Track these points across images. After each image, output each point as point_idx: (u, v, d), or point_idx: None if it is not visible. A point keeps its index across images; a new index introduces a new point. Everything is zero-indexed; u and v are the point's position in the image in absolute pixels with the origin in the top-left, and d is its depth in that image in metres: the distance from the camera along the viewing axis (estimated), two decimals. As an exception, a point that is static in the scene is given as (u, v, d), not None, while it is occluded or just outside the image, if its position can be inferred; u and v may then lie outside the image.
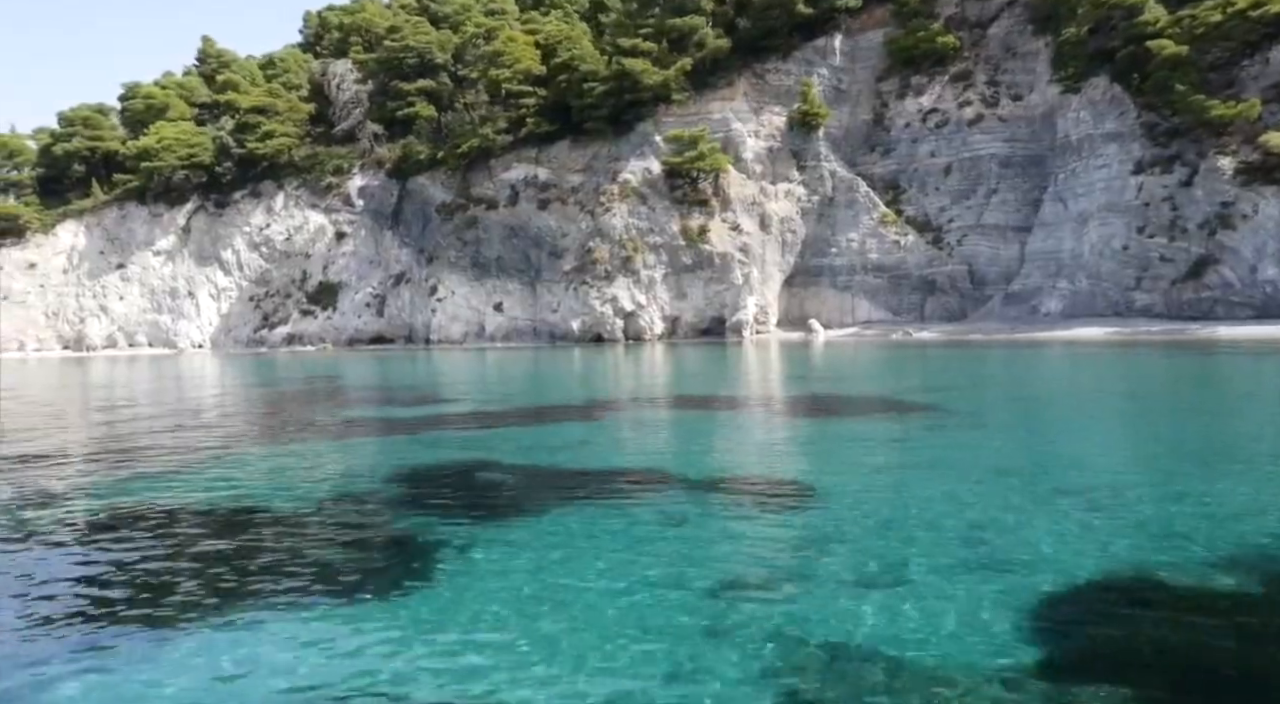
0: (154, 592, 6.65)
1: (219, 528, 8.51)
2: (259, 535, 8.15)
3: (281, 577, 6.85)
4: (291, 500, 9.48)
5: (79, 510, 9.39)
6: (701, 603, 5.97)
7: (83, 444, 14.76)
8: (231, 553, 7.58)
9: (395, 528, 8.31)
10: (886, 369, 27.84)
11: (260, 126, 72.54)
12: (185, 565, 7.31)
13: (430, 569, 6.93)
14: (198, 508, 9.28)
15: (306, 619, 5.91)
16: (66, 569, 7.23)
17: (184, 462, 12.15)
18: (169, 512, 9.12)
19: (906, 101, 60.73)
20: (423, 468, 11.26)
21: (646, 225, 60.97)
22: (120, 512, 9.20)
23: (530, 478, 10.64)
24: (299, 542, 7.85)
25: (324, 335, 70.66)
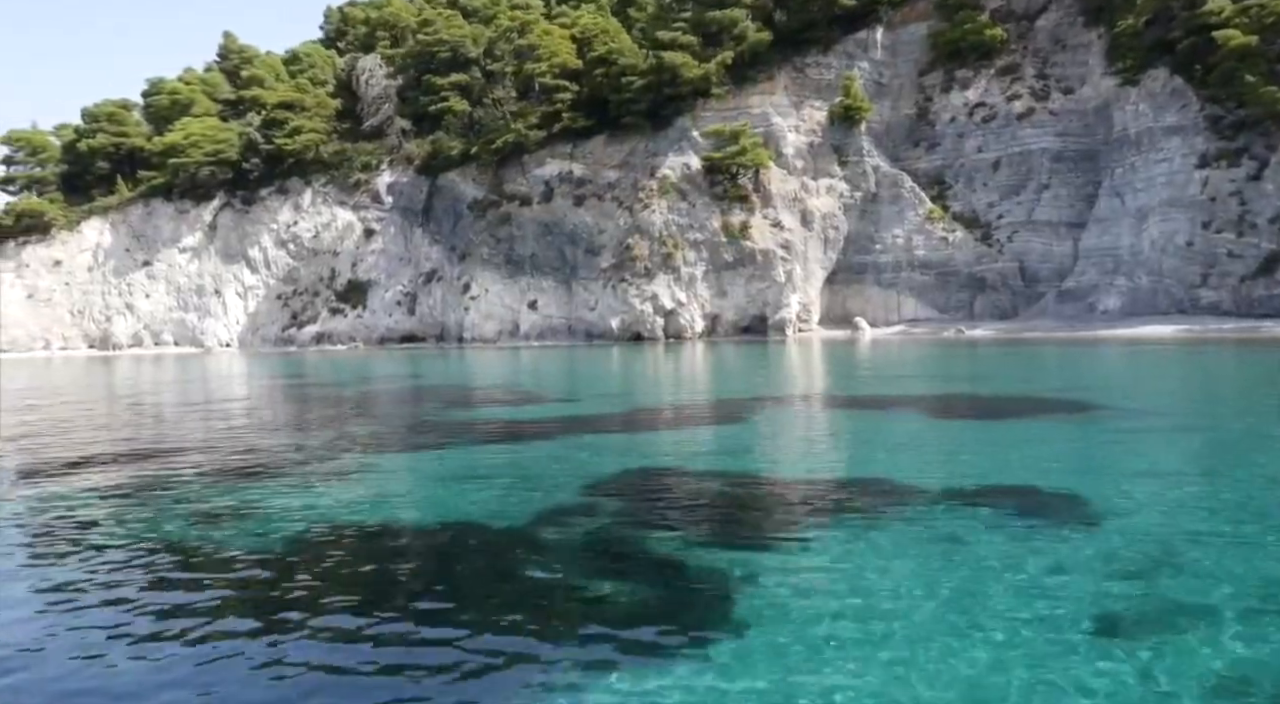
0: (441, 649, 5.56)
1: (433, 553, 7.44)
2: (502, 559, 7.06)
3: (565, 619, 5.75)
4: (495, 517, 8.38)
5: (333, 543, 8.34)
6: (1083, 645, 4.91)
7: (230, 459, 13.72)
8: (477, 583, 6.49)
9: (648, 549, 7.21)
10: (980, 368, 26.72)
11: (288, 122, 71.51)
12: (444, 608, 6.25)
13: (721, 601, 5.86)
14: (391, 528, 8.20)
15: (610, 677, 4.79)
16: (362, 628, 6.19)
17: (333, 472, 11.07)
18: (371, 533, 8.06)
19: (951, 95, 59.59)
20: (611, 476, 10.17)
21: (686, 222, 59.87)
22: (318, 532, 8.13)
23: (746, 487, 9.56)
24: (554, 571, 6.75)
25: (354, 334, 69.64)
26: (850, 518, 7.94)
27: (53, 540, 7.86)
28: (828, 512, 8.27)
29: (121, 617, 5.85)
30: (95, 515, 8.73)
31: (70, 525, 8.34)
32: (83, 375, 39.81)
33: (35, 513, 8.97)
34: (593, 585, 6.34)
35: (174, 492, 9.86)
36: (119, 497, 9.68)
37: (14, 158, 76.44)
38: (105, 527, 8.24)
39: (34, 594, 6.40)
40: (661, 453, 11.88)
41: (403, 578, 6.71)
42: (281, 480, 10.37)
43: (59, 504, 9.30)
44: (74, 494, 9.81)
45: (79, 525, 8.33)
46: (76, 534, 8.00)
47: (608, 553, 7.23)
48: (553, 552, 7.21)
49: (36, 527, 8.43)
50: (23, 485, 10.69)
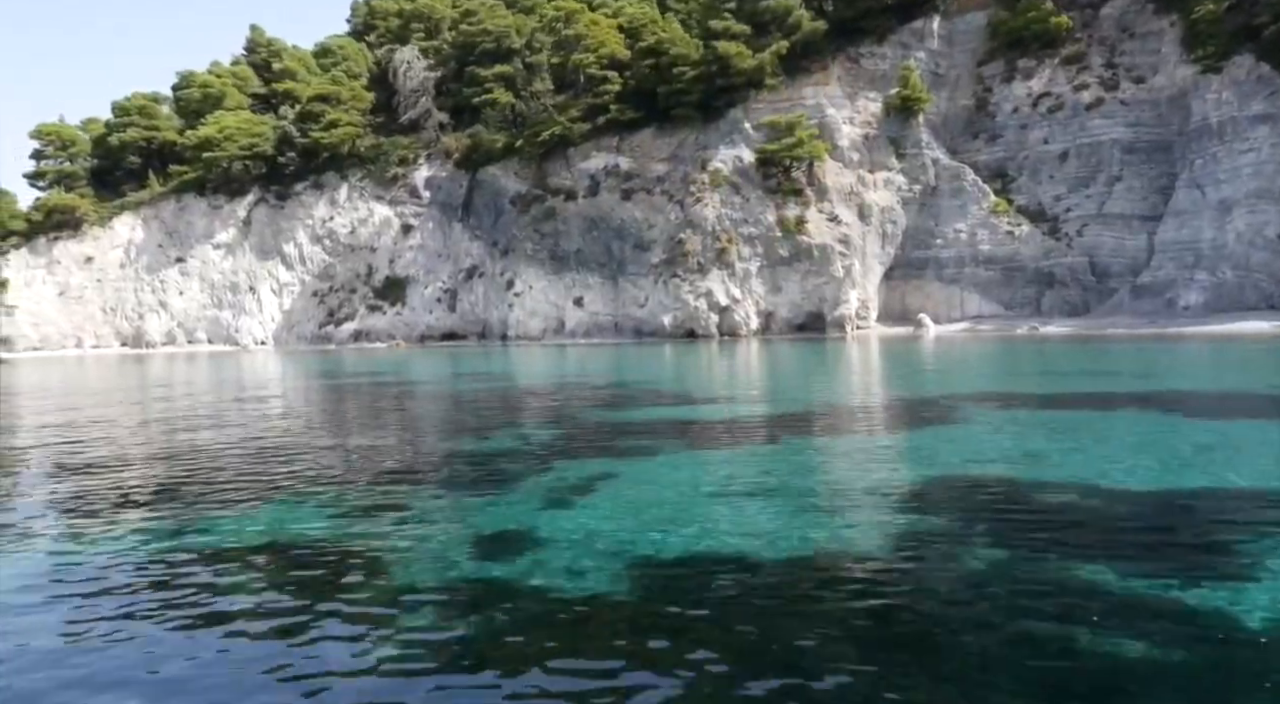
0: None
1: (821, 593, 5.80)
2: (908, 606, 5.41)
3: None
4: (813, 543, 6.76)
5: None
6: None
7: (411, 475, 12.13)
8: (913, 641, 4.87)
9: (1095, 587, 5.56)
10: (1103, 364, 24.99)
11: (324, 115, 70.05)
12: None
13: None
14: (718, 556, 6.56)
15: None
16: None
17: (574, 487, 9.49)
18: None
19: (1014, 86, 57.92)
20: (909, 485, 8.55)
21: (740, 216, 58.28)
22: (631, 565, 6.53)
23: (1082, 498, 7.89)
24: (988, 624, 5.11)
25: (393, 332, 68.13)
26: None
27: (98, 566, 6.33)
28: (1247, 525, 6.65)
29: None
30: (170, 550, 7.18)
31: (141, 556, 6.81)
32: (116, 374, 38.29)
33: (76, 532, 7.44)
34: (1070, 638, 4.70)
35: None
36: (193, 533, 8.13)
37: (44, 152, 75.00)
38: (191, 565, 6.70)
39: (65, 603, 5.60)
40: (922, 458, 10.25)
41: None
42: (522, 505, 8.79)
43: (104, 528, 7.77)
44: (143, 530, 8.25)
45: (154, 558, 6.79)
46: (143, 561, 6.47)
47: (1029, 591, 5.55)
48: (946, 588, 5.56)
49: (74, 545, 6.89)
50: (55, 502, 9.14)
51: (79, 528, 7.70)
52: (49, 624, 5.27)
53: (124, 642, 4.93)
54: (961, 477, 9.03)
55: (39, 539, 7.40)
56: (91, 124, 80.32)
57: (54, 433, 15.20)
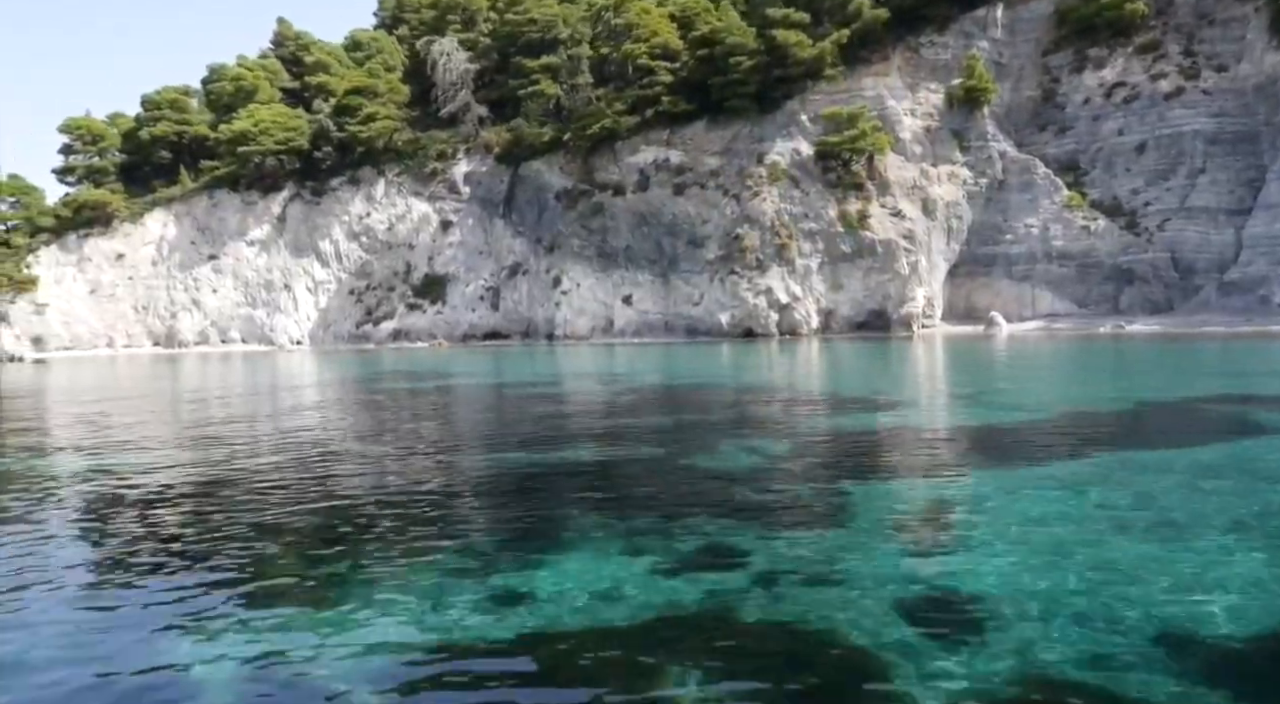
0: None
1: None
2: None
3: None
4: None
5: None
6: None
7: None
8: None
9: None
10: (1230, 364, 22.96)
11: (361, 109, 68.09)
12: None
13: None
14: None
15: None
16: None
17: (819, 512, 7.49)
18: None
19: (1084, 75, 55.88)
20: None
21: (800, 211, 56.28)
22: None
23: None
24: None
25: (434, 331, 66.13)
26: None
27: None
28: None
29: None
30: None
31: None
32: (150, 377, 36.34)
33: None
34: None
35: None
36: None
37: (73, 147, 73.11)
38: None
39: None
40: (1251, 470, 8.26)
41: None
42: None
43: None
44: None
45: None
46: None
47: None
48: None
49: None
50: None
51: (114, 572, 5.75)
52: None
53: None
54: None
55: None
56: (119, 119, 78.42)
57: (83, 453, 13.23)
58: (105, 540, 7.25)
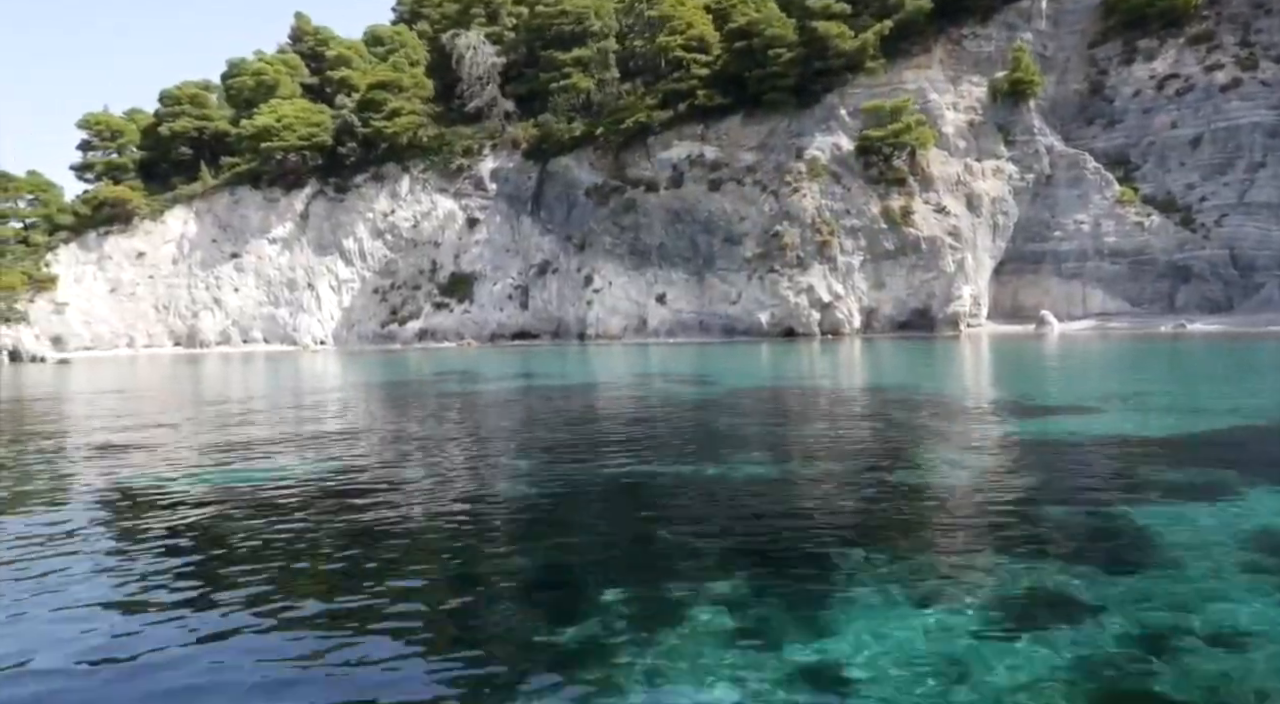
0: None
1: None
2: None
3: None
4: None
5: None
6: None
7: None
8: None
9: None
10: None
11: (385, 104, 66.66)
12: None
13: None
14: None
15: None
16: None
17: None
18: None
19: (1134, 67, 54.32)
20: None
21: (841, 207, 54.83)
22: None
23: None
24: None
25: (461, 330, 64.71)
26: None
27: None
28: None
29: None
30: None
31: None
32: (170, 379, 34.99)
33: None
34: None
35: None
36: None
37: (91, 143, 71.79)
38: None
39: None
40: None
41: None
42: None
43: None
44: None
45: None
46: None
47: None
48: None
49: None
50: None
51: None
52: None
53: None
54: None
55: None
56: (136, 115, 77.16)
57: (100, 465, 11.82)
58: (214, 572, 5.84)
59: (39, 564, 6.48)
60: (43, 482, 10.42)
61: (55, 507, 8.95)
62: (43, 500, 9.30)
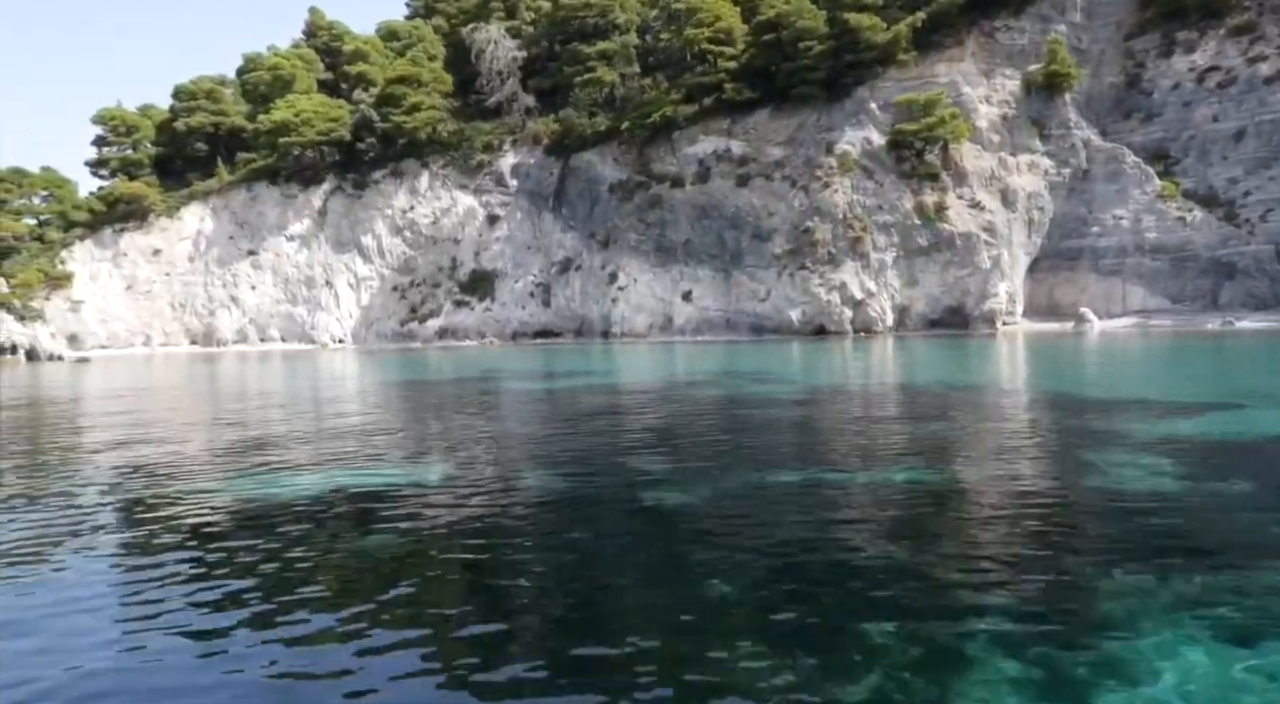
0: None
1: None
2: None
3: None
4: None
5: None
6: None
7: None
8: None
9: None
10: None
11: (404, 98, 65.65)
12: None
13: None
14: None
15: None
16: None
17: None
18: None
19: (1173, 60, 53.20)
20: None
21: (874, 202, 53.76)
22: None
23: None
24: None
25: (483, 328, 63.69)
26: None
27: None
28: None
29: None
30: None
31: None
32: (187, 378, 34.00)
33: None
34: None
35: None
36: None
37: (106, 139, 70.85)
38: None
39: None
40: None
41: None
42: None
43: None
44: None
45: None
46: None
47: None
48: None
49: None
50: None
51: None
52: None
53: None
54: None
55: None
56: (150, 111, 76.23)
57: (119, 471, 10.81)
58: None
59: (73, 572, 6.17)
60: (70, 485, 9.46)
61: (71, 503, 8.02)
62: (65, 502, 8.37)
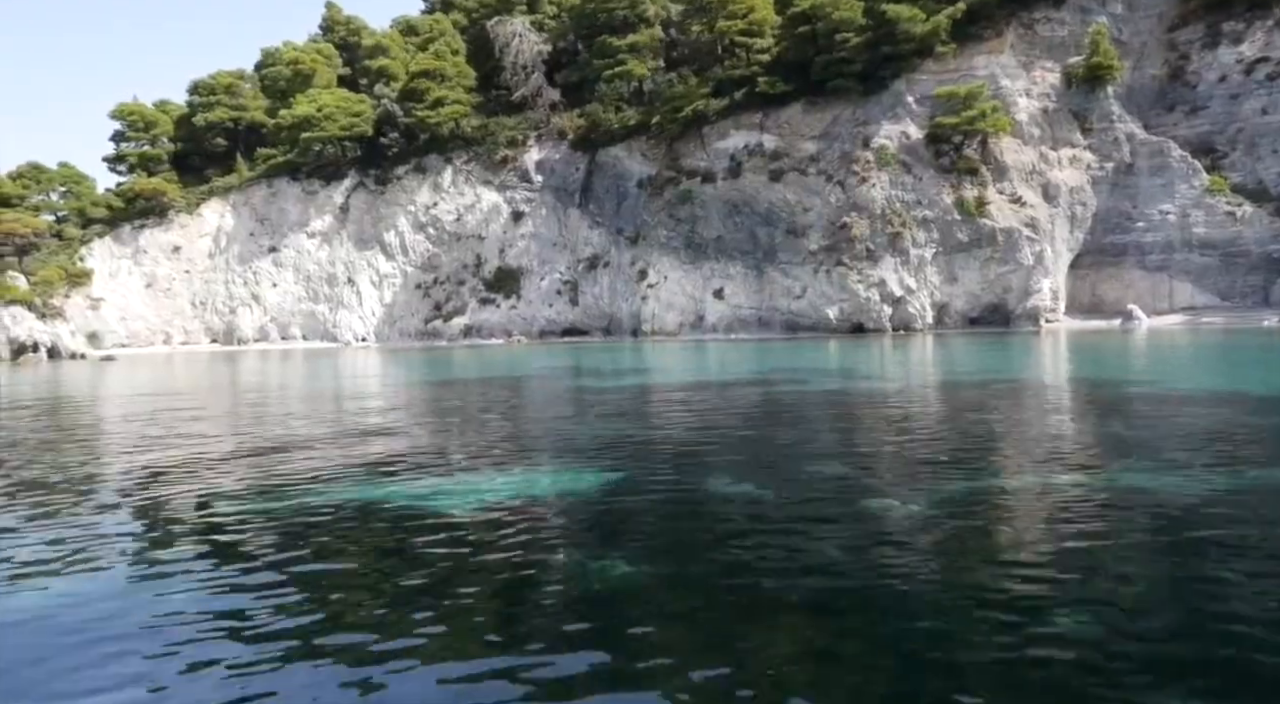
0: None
1: None
2: None
3: None
4: None
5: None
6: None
7: None
8: None
9: None
10: None
11: (428, 93, 64.57)
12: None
13: None
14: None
15: None
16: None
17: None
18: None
19: (1219, 51, 52.08)
20: None
21: (913, 197, 52.63)
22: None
23: None
24: None
25: (509, 327, 62.62)
26: None
27: None
28: None
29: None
30: None
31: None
32: (208, 377, 32.91)
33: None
34: None
35: None
36: None
37: (124, 134, 69.83)
38: None
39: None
40: None
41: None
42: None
43: None
44: None
45: None
46: None
47: None
48: None
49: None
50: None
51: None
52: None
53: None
54: None
55: None
56: (166, 106, 75.17)
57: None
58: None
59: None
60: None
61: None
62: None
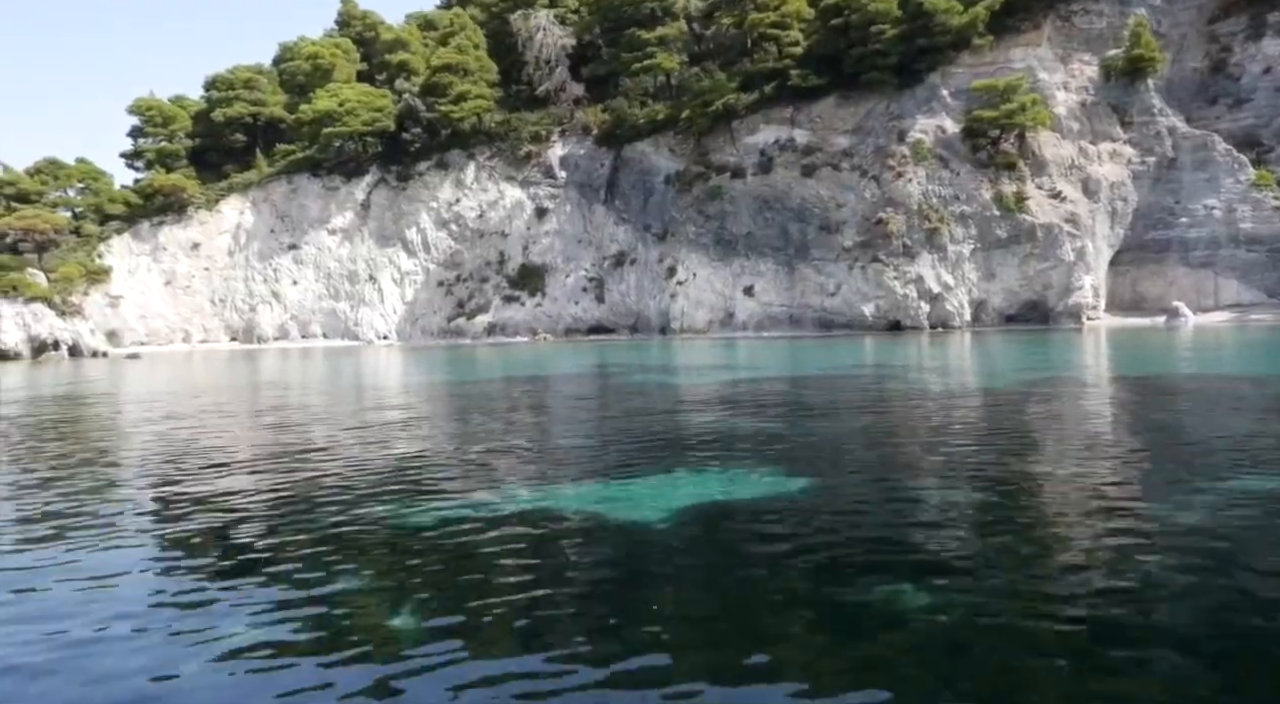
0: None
1: None
2: None
3: None
4: None
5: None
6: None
7: None
8: None
9: None
10: None
11: (451, 87, 63.57)
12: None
13: None
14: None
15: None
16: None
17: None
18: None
19: (1263, 43, 51.02)
20: None
21: (950, 192, 51.62)
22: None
23: None
24: None
25: (534, 324, 61.64)
26: None
27: None
28: None
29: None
30: None
31: None
32: (227, 378, 31.97)
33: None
34: None
35: None
36: None
37: (142, 130, 68.92)
38: None
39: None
40: None
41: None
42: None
43: None
44: None
45: None
46: None
47: None
48: None
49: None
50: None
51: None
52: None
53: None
54: None
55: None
56: (183, 102, 74.30)
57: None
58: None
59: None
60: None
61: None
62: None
